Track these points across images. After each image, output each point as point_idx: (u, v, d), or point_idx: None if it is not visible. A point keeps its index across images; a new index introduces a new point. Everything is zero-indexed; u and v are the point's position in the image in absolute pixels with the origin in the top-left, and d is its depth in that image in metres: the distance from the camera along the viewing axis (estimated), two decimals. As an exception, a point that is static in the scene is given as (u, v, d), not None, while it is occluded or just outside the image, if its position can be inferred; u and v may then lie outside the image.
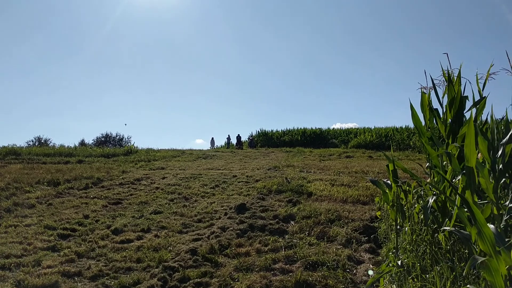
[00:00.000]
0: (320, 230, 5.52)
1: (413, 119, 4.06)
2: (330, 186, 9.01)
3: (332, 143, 28.82)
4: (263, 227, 5.85)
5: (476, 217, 2.27)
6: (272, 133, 32.88)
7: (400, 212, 3.95)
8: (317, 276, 3.95)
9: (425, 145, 3.89)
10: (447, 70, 3.91)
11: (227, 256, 4.76)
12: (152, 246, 5.18)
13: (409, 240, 3.60)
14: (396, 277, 3.34)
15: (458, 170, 3.20)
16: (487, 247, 2.23)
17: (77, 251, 5.00)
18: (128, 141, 39.85)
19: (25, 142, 35.28)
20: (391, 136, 26.27)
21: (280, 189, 8.62)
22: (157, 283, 4.00)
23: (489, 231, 2.22)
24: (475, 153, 2.75)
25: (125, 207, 7.63)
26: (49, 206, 7.59)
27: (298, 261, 4.43)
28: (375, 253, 4.75)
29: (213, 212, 6.98)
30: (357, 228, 5.61)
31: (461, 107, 3.84)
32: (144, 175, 11.69)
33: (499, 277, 2.16)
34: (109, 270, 4.43)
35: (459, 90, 3.81)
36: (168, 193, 8.89)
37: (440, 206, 3.48)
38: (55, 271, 4.32)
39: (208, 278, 4.11)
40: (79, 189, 9.37)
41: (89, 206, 7.64)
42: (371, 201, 7.37)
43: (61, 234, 5.78)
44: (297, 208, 6.87)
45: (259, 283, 3.86)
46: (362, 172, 11.59)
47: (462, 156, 3.36)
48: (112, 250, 5.12)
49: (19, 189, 8.85)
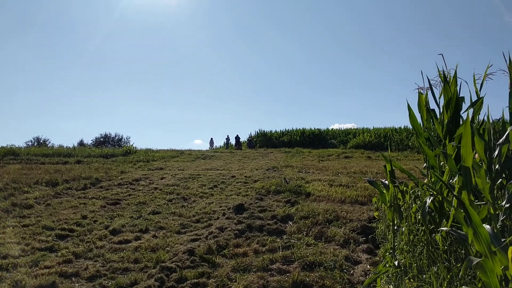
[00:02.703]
0: (318, 231, 5.52)
1: (411, 119, 4.07)
2: (328, 186, 9.01)
3: (331, 144, 28.84)
4: (261, 227, 5.85)
5: (472, 218, 2.27)
6: (271, 133, 32.90)
7: (398, 213, 3.95)
8: (314, 276, 3.95)
9: (422, 146, 3.90)
10: (443, 71, 3.92)
11: (225, 257, 4.76)
12: (149, 246, 5.17)
13: (406, 240, 3.60)
14: (393, 278, 3.35)
15: (455, 170, 3.20)
16: (482, 248, 2.23)
17: (75, 252, 4.99)
18: (127, 142, 39.94)
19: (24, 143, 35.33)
20: (390, 136, 26.31)
21: (279, 189, 8.61)
22: (154, 283, 3.99)
23: (484, 231, 2.22)
24: (472, 153, 2.76)
25: (124, 208, 7.62)
26: (47, 207, 7.58)
27: (296, 261, 4.43)
28: (372, 254, 4.75)
29: (211, 213, 6.98)
30: (355, 229, 5.62)
31: (457, 107, 3.85)
32: (143, 175, 11.68)
33: (494, 278, 2.16)
34: (106, 270, 4.42)
35: (456, 91, 3.81)
36: (166, 193, 8.89)
37: (437, 207, 3.48)
38: (53, 271, 4.31)
39: (206, 278, 4.11)
40: (77, 189, 9.37)
41: (87, 206, 7.63)
42: (369, 202, 7.37)
43: (59, 234, 5.78)
44: (295, 208, 6.87)
45: (256, 283, 3.86)
46: (361, 173, 11.60)
47: (459, 156, 3.37)
48: (110, 250, 5.12)
49: (17, 190, 8.84)
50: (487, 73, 3.90)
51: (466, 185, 2.89)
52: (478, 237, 2.25)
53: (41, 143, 34.94)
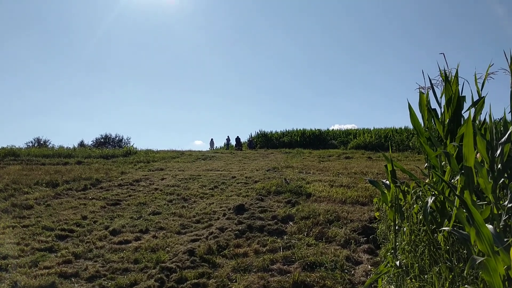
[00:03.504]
0: (318, 231, 5.50)
1: (412, 119, 4.05)
2: (329, 187, 8.99)
3: (331, 144, 28.79)
4: (262, 227, 5.83)
5: (474, 217, 2.25)
6: (271, 134, 32.85)
7: (399, 213, 3.93)
8: (315, 276, 3.93)
9: (423, 145, 3.88)
10: (444, 70, 3.90)
11: (225, 257, 4.74)
12: (150, 247, 5.15)
13: (408, 240, 3.58)
14: (394, 278, 3.32)
15: (457, 170, 3.18)
16: (485, 247, 2.22)
17: (75, 252, 4.98)
18: (127, 142, 39.92)
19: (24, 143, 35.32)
20: (390, 137, 26.27)
21: (279, 190, 8.59)
22: (154, 284, 3.98)
23: (487, 231, 2.21)
24: (474, 152, 2.74)
25: (124, 208, 7.61)
26: (47, 207, 7.57)
27: (296, 261, 4.41)
28: (373, 254, 4.73)
29: (211, 213, 6.96)
30: (356, 229, 5.60)
31: (458, 107, 3.83)
32: (143, 176, 11.67)
33: (497, 277, 2.14)
34: (106, 271, 4.41)
35: (457, 90, 3.79)
36: (167, 194, 8.87)
37: (439, 207, 3.46)
38: (52, 272, 4.30)
39: (206, 279, 4.09)
40: (77, 190, 9.35)
41: (88, 207, 7.61)
42: (370, 202, 7.35)
43: (58, 235, 5.76)
44: (296, 209, 6.85)
45: (256, 284, 3.84)
46: (361, 173, 11.57)
47: (460, 156, 3.35)
48: (110, 251, 5.10)
49: (17, 190, 8.83)
50: (488, 73, 3.89)
51: (468, 184, 2.87)
52: (480, 237, 2.23)
53: (41, 144, 34.94)
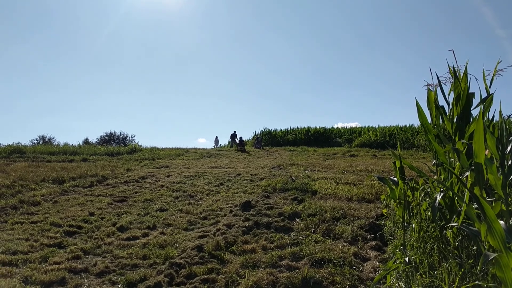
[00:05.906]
0: (325, 228, 5.52)
1: (419, 116, 4.03)
2: (334, 184, 9.00)
3: (336, 142, 28.71)
4: (269, 224, 5.85)
5: (486, 213, 2.25)
6: (276, 132, 32.81)
7: (407, 209, 3.94)
8: (323, 273, 3.95)
9: (432, 142, 3.88)
10: (453, 67, 3.89)
11: (233, 253, 4.77)
12: (158, 243, 5.19)
13: (417, 237, 3.59)
14: (403, 274, 3.33)
15: (467, 166, 3.18)
16: (497, 243, 2.22)
17: (83, 248, 5.02)
18: (132, 140, 40.03)
19: (30, 141, 35.53)
20: (395, 135, 26.17)
21: (285, 187, 8.61)
22: (164, 279, 4.01)
23: (499, 227, 2.21)
24: (484, 149, 2.74)
25: (130, 205, 7.66)
26: (55, 204, 7.64)
27: (304, 258, 4.43)
28: (381, 251, 4.74)
29: (218, 210, 6.99)
30: (363, 226, 5.60)
31: (467, 104, 3.81)
32: (149, 173, 11.72)
33: (509, 273, 2.15)
34: (115, 266, 4.45)
35: (466, 87, 3.78)
36: (173, 191, 8.91)
37: (448, 203, 3.47)
38: (62, 267, 4.35)
39: (215, 274, 4.12)
40: (84, 187, 9.42)
41: (94, 203, 7.67)
42: (376, 199, 7.35)
43: (67, 231, 5.81)
44: (302, 206, 6.87)
45: (265, 279, 3.86)
46: (367, 171, 11.55)
47: (469, 153, 3.35)
48: (118, 247, 5.14)
49: (24, 187, 8.90)
50: (496, 69, 3.88)
51: (479, 181, 2.87)
52: (492, 233, 2.23)
53: (46, 141, 35.16)
